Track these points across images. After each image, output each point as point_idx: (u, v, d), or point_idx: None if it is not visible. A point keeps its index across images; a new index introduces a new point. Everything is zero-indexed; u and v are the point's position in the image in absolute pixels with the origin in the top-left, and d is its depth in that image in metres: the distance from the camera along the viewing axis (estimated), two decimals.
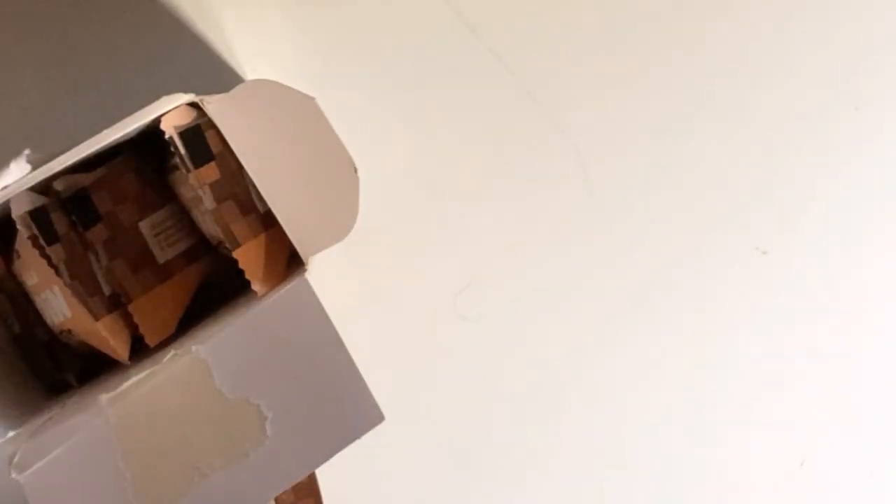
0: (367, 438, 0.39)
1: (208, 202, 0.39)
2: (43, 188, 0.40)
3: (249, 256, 0.40)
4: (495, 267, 0.60)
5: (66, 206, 0.40)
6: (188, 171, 0.39)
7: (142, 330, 0.40)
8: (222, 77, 0.56)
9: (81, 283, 0.40)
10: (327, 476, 0.53)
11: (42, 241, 0.39)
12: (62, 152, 0.39)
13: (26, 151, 0.40)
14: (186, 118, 0.40)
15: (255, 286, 0.40)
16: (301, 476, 0.38)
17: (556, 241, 0.60)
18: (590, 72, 0.60)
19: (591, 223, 0.60)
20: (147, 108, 0.39)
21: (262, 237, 0.40)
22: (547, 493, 0.63)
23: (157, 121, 0.39)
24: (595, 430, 0.62)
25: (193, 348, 0.38)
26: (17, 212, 0.39)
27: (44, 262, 0.39)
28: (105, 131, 0.39)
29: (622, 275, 0.61)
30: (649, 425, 0.63)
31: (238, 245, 0.40)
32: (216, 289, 0.43)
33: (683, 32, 0.60)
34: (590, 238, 0.61)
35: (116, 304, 0.40)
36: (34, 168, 0.39)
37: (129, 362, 0.41)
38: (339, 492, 0.54)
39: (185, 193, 0.41)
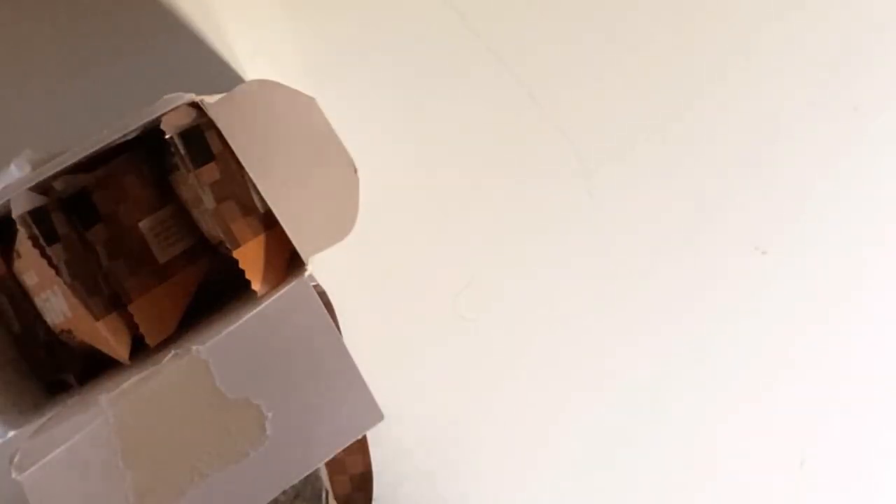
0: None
1: (208, 202, 0.39)
2: (43, 188, 0.40)
3: (250, 256, 0.40)
4: (495, 267, 0.60)
5: (67, 206, 0.40)
6: (188, 171, 0.39)
7: (142, 330, 0.40)
8: (222, 77, 0.56)
9: (82, 283, 0.40)
10: None
11: (42, 241, 0.39)
12: (62, 152, 0.39)
13: (26, 151, 0.40)
14: (187, 118, 0.40)
15: (256, 286, 0.40)
16: (301, 476, 0.38)
17: (555, 240, 0.61)
18: (589, 71, 0.60)
19: (590, 223, 0.61)
20: (148, 108, 0.39)
21: (263, 237, 0.40)
22: (545, 492, 0.63)
23: (158, 121, 0.39)
24: (592, 430, 0.62)
25: (193, 348, 0.38)
26: (18, 212, 0.39)
27: (44, 262, 0.39)
28: (105, 131, 0.39)
29: (622, 276, 0.61)
30: (647, 425, 0.63)
31: (238, 245, 0.40)
32: (216, 289, 0.43)
33: (683, 32, 0.60)
34: (589, 238, 0.61)
35: (116, 304, 0.40)
36: (34, 168, 0.39)
37: (129, 362, 0.41)
38: None
39: (186, 193, 0.41)
